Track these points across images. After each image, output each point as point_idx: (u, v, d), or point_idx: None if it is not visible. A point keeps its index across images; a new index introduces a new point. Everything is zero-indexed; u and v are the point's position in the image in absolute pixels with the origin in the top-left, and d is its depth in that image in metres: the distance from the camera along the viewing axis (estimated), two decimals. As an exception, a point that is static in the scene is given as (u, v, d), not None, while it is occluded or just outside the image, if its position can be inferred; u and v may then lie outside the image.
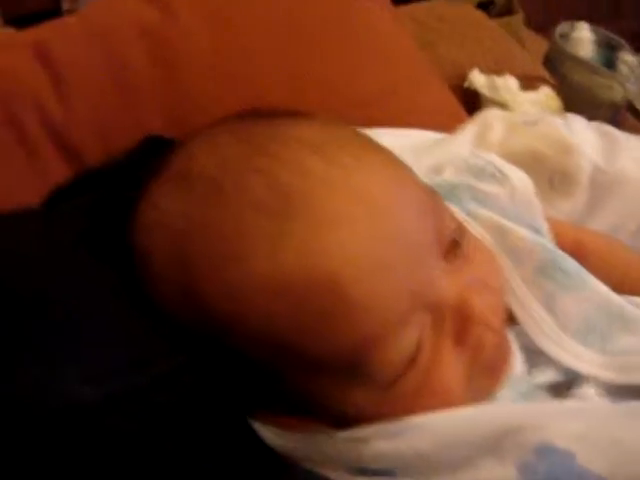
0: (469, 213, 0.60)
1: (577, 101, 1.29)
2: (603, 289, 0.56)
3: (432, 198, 0.52)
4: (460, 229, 0.53)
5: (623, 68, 1.42)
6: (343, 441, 0.49)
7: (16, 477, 0.45)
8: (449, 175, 0.63)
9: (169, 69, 0.80)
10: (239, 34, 0.83)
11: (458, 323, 0.50)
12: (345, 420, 0.50)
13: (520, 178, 0.61)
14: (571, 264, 0.56)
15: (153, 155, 0.64)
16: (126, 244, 0.53)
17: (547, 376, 0.55)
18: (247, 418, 0.52)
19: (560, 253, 0.57)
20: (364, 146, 0.53)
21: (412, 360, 0.48)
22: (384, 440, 0.48)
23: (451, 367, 0.50)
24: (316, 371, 0.48)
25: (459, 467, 0.47)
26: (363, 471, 0.49)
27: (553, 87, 1.17)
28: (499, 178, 0.61)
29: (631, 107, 1.34)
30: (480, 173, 0.62)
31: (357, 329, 0.47)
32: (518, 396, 0.53)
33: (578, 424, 0.47)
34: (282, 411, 0.52)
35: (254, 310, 0.47)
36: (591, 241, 0.63)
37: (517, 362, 0.55)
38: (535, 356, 0.55)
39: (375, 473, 0.49)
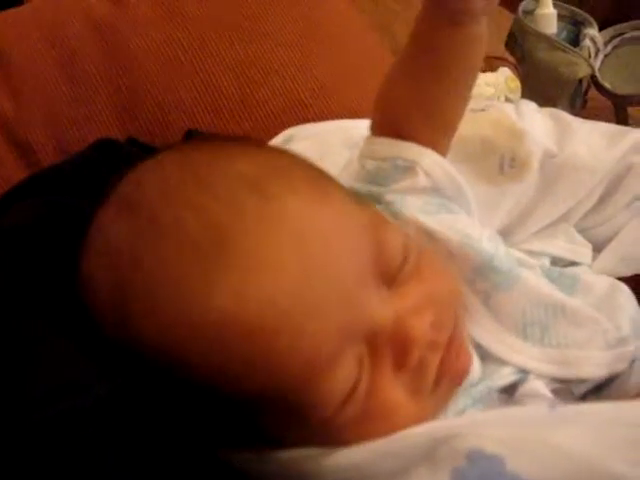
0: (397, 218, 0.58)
1: (540, 78, 1.29)
2: (535, 282, 0.56)
3: (373, 224, 0.50)
4: (405, 248, 0.51)
5: (588, 44, 1.42)
6: (286, 460, 0.50)
7: None
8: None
9: (120, 60, 0.81)
10: (189, 24, 0.83)
11: (396, 349, 0.49)
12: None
13: (431, 157, 0.59)
14: (503, 262, 0.56)
15: (103, 159, 0.64)
16: (72, 263, 0.52)
17: (503, 378, 0.55)
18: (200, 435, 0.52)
19: (490, 252, 0.56)
20: (302, 178, 0.51)
21: (350, 393, 0.48)
22: (325, 456, 0.49)
23: (390, 391, 0.49)
24: (251, 411, 0.48)
25: (394, 477, 0.47)
26: None
27: (513, 67, 1.17)
28: (405, 167, 0.58)
29: (596, 83, 1.34)
30: (384, 175, 0.59)
31: (282, 373, 0.45)
32: (473, 402, 0.53)
33: (509, 429, 0.46)
34: (235, 435, 0.52)
35: (185, 353, 0.47)
36: None
37: (476, 365, 0.55)
38: (486, 357, 0.55)
39: None
